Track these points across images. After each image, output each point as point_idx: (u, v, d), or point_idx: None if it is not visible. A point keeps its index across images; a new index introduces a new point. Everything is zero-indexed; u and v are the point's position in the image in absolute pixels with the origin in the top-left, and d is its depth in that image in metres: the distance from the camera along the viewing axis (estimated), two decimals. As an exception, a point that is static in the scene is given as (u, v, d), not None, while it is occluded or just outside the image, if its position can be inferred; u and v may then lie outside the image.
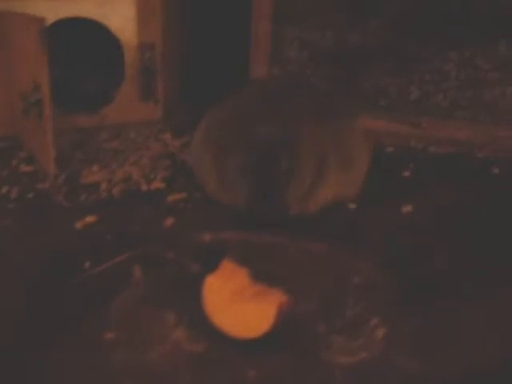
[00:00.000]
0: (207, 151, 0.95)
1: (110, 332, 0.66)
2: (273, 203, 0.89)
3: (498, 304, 0.76)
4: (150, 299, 0.72)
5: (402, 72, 1.35)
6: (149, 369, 0.62)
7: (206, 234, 0.86)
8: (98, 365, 0.62)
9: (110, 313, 0.70)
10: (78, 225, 0.91)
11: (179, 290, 0.73)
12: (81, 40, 1.33)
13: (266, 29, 1.38)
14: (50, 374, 0.62)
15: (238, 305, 0.63)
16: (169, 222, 0.93)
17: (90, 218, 0.93)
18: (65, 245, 0.86)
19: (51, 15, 1.24)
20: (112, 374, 0.61)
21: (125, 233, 0.90)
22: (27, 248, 0.85)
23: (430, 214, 1.03)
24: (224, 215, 0.94)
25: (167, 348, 0.64)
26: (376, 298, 0.74)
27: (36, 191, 1.03)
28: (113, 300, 0.72)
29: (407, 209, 1.03)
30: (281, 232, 0.85)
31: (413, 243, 0.91)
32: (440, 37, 1.31)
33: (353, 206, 1.03)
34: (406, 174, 1.19)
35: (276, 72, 1.41)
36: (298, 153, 0.90)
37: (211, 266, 0.70)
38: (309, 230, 0.91)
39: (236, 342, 0.64)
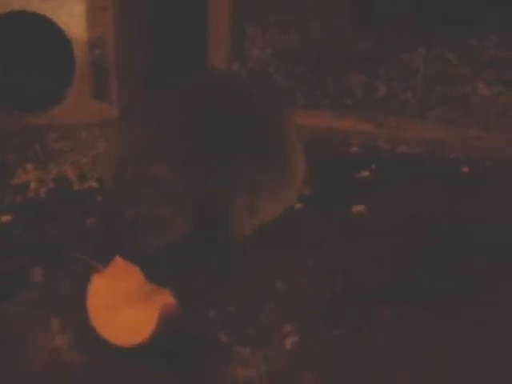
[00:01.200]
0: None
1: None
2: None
3: (430, 319, 0.68)
4: (43, 303, 0.65)
5: (367, 69, 1.28)
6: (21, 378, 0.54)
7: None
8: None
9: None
10: (-9, 225, 0.85)
11: (75, 294, 0.65)
12: (28, 36, 1.27)
13: (224, 25, 1.31)
14: None
15: (119, 310, 0.56)
16: (90, 221, 0.86)
17: (5, 218, 0.87)
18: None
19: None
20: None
21: (39, 233, 0.83)
22: None
23: (383, 214, 0.95)
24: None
25: (44, 357, 0.56)
26: (297, 306, 0.66)
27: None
28: (5, 301, 0.65)
29: (358, 209, 0.95)
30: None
31: (356, 246, 0.83)
32: (407, 31, 1.24)
33: (298, 205, 0.95)
34: (365, 174, 1.11)
35: (236, 68, 1.34)
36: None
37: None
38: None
39: (119, 350, 0.56)
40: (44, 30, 1.25)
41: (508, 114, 1.22)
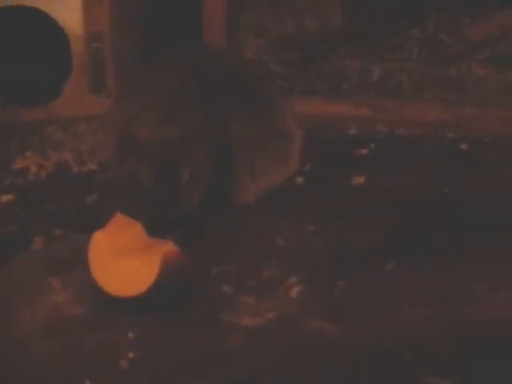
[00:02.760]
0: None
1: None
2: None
3: (427, 273, 0.67)
4: (46, 266, 0.65)
5: (362, 53, 1.29)
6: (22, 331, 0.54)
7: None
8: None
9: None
10: (-9, 203, 0.85)
11: (77, 256, 0.65)
12: (26, 31, 1.28)
13: (219, 15, 1.32)
14: None
15: (121, 260, 0.56)
16: (91, 198, 0.86)
17: (6, 197, 0.87)
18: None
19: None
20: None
21: (40, 209, 0.83)
22: None
23: (383, 187, 0.95)
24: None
25: (44, 310, 0.56)
26: (300, 261, 0.66)
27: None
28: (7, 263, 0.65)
29: (358, 181, 0.95)
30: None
31: (355, 212, 0.83)
32: (399, 13, 1.25)
33: (300, 179, 0.95)
34: (364, 151, 1.11)
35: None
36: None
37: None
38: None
39: (122, 301, 0.56)
40: (41, 24, 1.26)
41: (504, 92, 1.22)
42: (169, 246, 0.56)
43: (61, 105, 1.31)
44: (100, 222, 0.68)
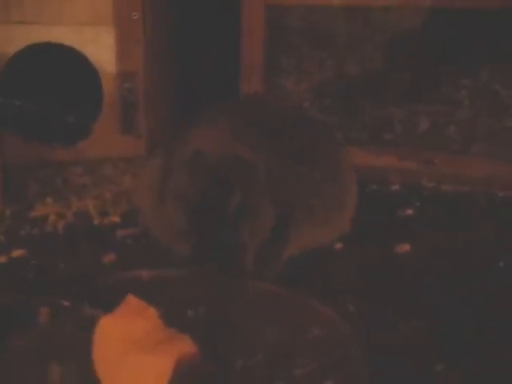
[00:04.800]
0: (150, 190, 0.79)
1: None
2: (223, 246, 0.70)
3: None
4: (46, 347, 0.57)
5: (407, 101, 1.20)
6: None
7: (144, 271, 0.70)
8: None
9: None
10: (2, 258, 0.78)
11: (81, 339, 0.57)
12: (56, 68, 1.24)
13: (258, 59, 1.26)
14: None
15: (129, 355, 0.47)
16: (109, 258, 0.79)
17: (18, 252, 0.80)
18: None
19: (23, 40, 1.16)
20: None
21: (52, 269, 0.76)
22: None
23: (429, 256, 0.85)
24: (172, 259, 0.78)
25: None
26: (336, 356, 0.57)
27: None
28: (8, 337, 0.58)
29: (403, 248, 0.86)
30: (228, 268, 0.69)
31: (397, 291, 0.74)
32: (451, 60, 1.16)
33: (339, 245, 0.86)
34: (409, 212, 1.02)
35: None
36: (255, 187, 0.71)
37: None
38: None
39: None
40: (72, 61, 1.22)
41: None
42: (185, 344, 0.48)
43: (88, 145, 1.26)
44: (113, 293, 0.61)
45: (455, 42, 1.16)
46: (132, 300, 0.52)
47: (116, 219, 0.93)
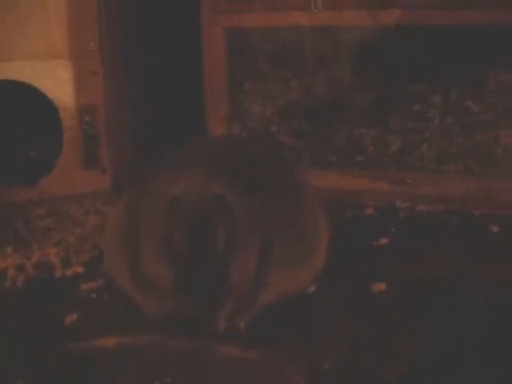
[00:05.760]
0: (118, 238, 0.77)
1: None
2: (208, 287, 0.69)
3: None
4: None
5: (377, 121, 1.18)
6: None
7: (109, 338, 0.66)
8: None
9: None
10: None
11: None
12: (12, 105, 1.19)
13: (221, 83, 1.22)
14: None
15: None
16: (70, 319, 0.75)
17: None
18: None
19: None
20: None
21: (6, 340, 0.71)
22: None
23: (407, 290, 0.82)
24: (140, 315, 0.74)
25: None
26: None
27: None
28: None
29: (380, 287, 0.83)
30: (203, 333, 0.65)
31: (377, 335, 0.71)
32: (420, 78, 1.14)
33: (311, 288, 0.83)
34: (384, 241, 0.99)
35: (237, 129, 1.25)
36: (237, 224, 0.71)
37: None
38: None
39: None
40: (28, 97, 1.17)
41: (537, 164, 1.10)
42: None
43: (51, 182, 1.21)
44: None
45: (423, 59, 1.13)
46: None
47: (79, 269, 0.89)
